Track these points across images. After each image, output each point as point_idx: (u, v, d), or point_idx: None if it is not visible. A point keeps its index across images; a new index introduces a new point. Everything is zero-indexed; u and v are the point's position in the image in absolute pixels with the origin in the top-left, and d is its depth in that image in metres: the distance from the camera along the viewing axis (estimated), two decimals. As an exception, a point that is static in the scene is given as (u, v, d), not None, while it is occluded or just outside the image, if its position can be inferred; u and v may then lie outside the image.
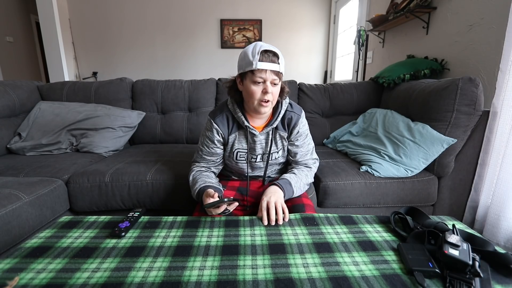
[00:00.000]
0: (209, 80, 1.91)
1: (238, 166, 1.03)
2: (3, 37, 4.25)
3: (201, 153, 1.02)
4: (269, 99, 0.88)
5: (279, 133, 1.00)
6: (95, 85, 1.85)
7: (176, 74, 4.19)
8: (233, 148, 1.00)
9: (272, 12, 4.09)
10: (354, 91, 1.84)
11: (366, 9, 2.86)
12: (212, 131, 0.98)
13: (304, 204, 0.96)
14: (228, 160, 1.05)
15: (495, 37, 1.33)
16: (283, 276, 0.56)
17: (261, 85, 0.87)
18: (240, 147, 0.99)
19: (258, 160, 1.01)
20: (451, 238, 0.58)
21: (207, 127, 1.00)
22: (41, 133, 1.60)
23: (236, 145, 0.99)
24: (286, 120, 0.99)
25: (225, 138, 0.99)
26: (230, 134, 0.98)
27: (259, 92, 0.88)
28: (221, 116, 0.98)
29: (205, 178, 0.96)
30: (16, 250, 0.64)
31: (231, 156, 1.01)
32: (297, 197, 0.99)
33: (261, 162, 1.02)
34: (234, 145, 0.99)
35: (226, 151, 1.02)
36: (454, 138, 1.21)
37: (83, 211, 1.25)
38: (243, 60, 0.88)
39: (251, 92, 0.88)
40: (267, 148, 1.00)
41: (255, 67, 0.84)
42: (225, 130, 0.98)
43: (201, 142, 1.02)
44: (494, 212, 1.19)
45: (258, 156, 1.01)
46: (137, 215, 0.78)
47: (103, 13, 4.00)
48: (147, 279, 0.55)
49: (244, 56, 0.88)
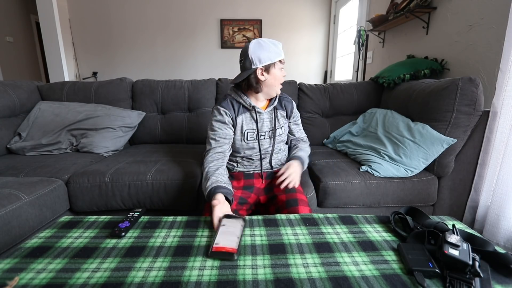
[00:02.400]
0: (209, 80, 1.91)
1: (249, 146, 1.09)
2: (3, 37, 4.25)
3: (214, 137, 1.06)
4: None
5: (279, 112, 1.14)
6: (95, 85, 1.85)
7: (176, 74, 4.19)
8: (243, 129, 1.08)
9: (272, 12, 4.09)
10: (354, 91, 1.84)
11: (366, 9, 2.86)
12: (222, 114, 1.06)
13: (298, 199, 1.01)
14: (238, 145, 1.09)
15: (495, 37, 1.33)
16: (283, 276, 0.56)
17: (283, 70, 1.06)
18: (249, 128, 1.08)
19: (266, 137, 1.11)
20: (451, 238, 0.58)
21: (215, 114, 1.08)
22: (41, 133, 1.60)
23: (244, 126, 1.08)
24: (282, 103, 1.16)
25: (233, 119, 1.07)
26: (237, 116, 1.07)
27: (282, 77, 1.06)
28: (225, 102, 1.08)
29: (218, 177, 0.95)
30: (16, 250, 0.64)
31: (242, 138, 1.08)
32: (291, 192, 1.04)
33: (268, 139, 1.11)
34: (243, 127, 1.08)
35: (236, 135, 1.08)
36: (454, 138, 1.21)
37: (83, 211, 1.25)
38: (268, 52, 1.00)
39: (280, 77, 1.05)
40: (271, 125, 1.11)
41: (283, 56, 1.04)
42: (232, 113, 1.07)
43: (212, 129, 1.07)
44: (494, 212, 1.19)
45: (266, 134, 1.11)
46: (137, 215, 0.78)
47: (103, 13, 4.00)
48: (147, 279, 0.55)
49: (271, 48, 1.01)
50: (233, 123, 1.07)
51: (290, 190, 1.04)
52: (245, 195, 1.07)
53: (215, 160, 1.01)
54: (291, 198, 1.01)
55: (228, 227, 0.70)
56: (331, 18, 4.10)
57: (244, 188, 1.10)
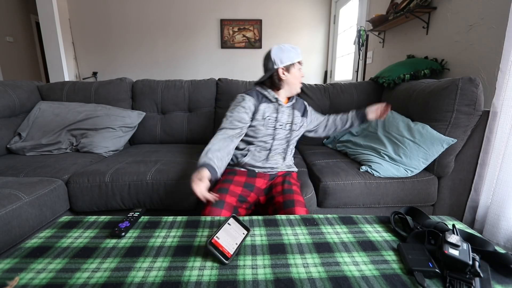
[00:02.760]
0: (209, 80, 1.91)
1: (267, 133, 1.17)
2: (3, 37, 4.26)
3: (230, 118, 1.14)
4: None
5: (296, 110, 1.25)
6: (95, 85, 1.85)
7: (176, 74, 4.19)
8: (265, 115, 1.17)
9: (272, 12, 4.09)
10: (354, 91, 1.84)
11: (366, 9, 2.86)
12: (244, 100, 1.17)
13: (295, 200, 1.02)
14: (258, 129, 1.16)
15: (495, 37, 1.33)
16: (283, 276, 0.56)
17: (301, 71, 1.20)
18: (270, 115, 1.18)
19: (284, 128, 1.21)
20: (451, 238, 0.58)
21: (237, 98, 1.20)
22: (41, 133, 1.60)
23: (266, 113, 1.17)
24: (299, 103, 1.30)
25: (255, 106, 1.17)
26: (261, 103, 1.18)
27: (300, 77, 1.20)
28: (251, 91, 1.21)
29: (216, 153, 1.04)
30: (16, 250, 0.64)
31: (263, 124, 1.16)
32: (289, 193, 1.05)
33: (285, 131, 1.21)
34: (265, 113, 1.17)
35: (258, 120, 1.16)
36: (454, 138, 1.21)
37: (83, 211, 1.25)
38: (289, 53, 1.15)
39: (298, 76, 1.19)
40: (289, 119, 1.22)
41: (301, 58, 1.19)
42: (256, 101, 1.18)
43: (230, 110, 1.17)
44: (494, 212, 1.19)
45: (284, 125, 1.21)
46: (137, 215, 0.78)
47: (103, 13, 4.00)
48: (147, 279, 0.55)
49: (290, 51, 1.16)
50: (255, 110, 1.16)
51: (287, 191, 1.06)
52: (245, 193, 1.09)
53: (221, 142, 1.08)
54: (288, 199, 1.03)
55: (232, 228, 0.69)
56: (331, 18, 4.10)
57: (245, 186, 1.11)
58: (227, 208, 1.00)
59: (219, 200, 1.01)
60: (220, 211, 0.97)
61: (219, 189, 1.07)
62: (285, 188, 1.08)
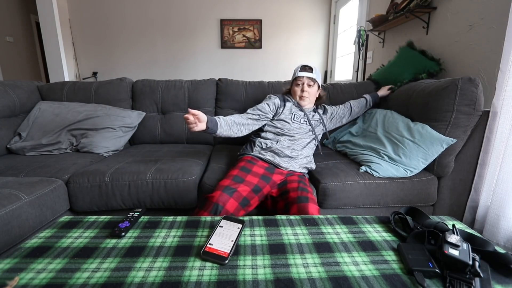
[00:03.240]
0: (209, 80, 1.91)
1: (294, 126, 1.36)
2: (3, 37, 4.25)
3: (254, 107, 1.37)
4: (306, 95, 1.40)
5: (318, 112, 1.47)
6: (95, 85, 1.85)
7: (176, 74, 4.19)
8: (292, 111, 1.39)
9: (272, 12, 4.09)
10: (354, 91, 1.84)
11: (366, 9, 2.86)
12: (271, 98, 1.42)
13: (309, 197, 1.07)
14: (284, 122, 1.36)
15: (495, 37, 1.33)
16: (283, 276, 0.56)
17: (300, 86, 1.40)
18: (296, 112, 1.39)
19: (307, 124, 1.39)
20: (451, 238, 0.58)
21: (266, 97, 1.46)
22: (41, 133, 1.60)
23: (293, 109, 1.40)
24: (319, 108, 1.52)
25: (281, 103, 1.40)
26: (286, 102, 1.41)
27: (299, 91, 1.40)
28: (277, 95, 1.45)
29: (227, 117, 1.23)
30: (16, 250, 0.64)
31: (291, 118, 1.37)
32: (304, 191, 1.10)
33: (308, 125, 1.39)
34: (291, 109, 1.39)
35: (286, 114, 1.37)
36: (454, 138, 1.21)
37: (83, 211, 1.25)
38: (293, 72, 1.45)
39: (294, 91, 1.43)
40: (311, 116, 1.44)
41: (296, 75, 1.40)
42: (279, 102, 1.40)
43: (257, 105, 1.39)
44: (494, 212, 1.19)
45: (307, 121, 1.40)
46: (137, 215, 0.78)
47: (103, 13, 4.00)
48: (147, 279, 0.55)
49: (294, 70, 1.45)
50: (281, 106, 1.39)
51: (302, 189, 1.11)
52: (261, 184, 1.14)
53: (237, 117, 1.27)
54: (303, 195, 1.07)
55: (225, 229, 0.70)
56: (331, 18, 4.10)
57: (262, 178, 1.17)
58: (236, 197, 1.04)
59: (231, 187, 1.05)
60: (228, 197, 1.02)
61: (235, 176, 1.12)
62: (300, 186, 1.13)
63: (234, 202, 1.02)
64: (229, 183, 1.08)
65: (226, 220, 0.73)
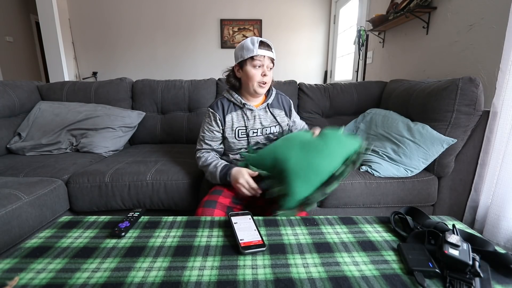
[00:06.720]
0: (209, 80, 1.91)
1: (241, 144, 1.11)
2: (3, 37, 4.25)
3: (203, 139, 1.13)
4: (267, 81, 1.05)
5: (274, 110, 1.15)
6: (95, 85, 1.85)
7: (176, 74, 4.19)
8: (233, 127, 1.09)
9: (272, 12, 4.09)
10: (354, 91, 1.84)
11: (366, 9, 2.86)
12: (210, 116, 1.11)
13: None
14: (231, 142, 1.11)
15: (495, 37, 1.33)
16: (283, 276, 0.56)
17: (259, 68, 1.04)
18: (240, 125, 1.10)
19: (259, 134, 1.11)
20: (451, 238, 0.58)
21: (206, 116, 1.13)
22: (41, 133, 1.60)
23: (235, 123, 1.10)
24: (280, 101, 1.18)
25: (221, 120, 1.09)
26: (227, 114, 1.09)
27: (259, 75, 1.04)
28: (215, 103, 1.12)
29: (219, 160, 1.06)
30: (16, 250, 0.64)
31: (234, 136, 1.09)
32: None
33: (261, 136, 1.12)
34: (234, 124, 1.09)
35: (227, 133, 1.10)
36: (454, 138, 1.21)
37: (83, 211, 1.25)
38: (241, 50, 1.04)
39: (252, 75, 1.03)
40: (265, 122, 1.12)
41: (256, 54, 1.00)
42: (221, 113, 1.09)
43: (202, 129, 1.14)
44: (494, 212, 1.19)
45: (258, 131, 1.11)
46: (137, 215, 0.78)
47: (103, 13, 4.00)
48: (147, 279, 0.55)
49: (243, 46, 1.03)
50: (222, 122, 1.10)
51: None
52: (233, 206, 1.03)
53: (209, 153, 1.10)
54: None
55: (240, 224, 0.71)
56: (331, 18, 4.10)
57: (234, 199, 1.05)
58: (220, 207, 0.97)
59: (211, 200, 0.98)
60: (212, 211, 0.94)
61: (213, 191, 1.04)
62: None
63: (221, 213, 0.95)
64: (207, 198, 1.00)
65: (235, 217, 0.74)
